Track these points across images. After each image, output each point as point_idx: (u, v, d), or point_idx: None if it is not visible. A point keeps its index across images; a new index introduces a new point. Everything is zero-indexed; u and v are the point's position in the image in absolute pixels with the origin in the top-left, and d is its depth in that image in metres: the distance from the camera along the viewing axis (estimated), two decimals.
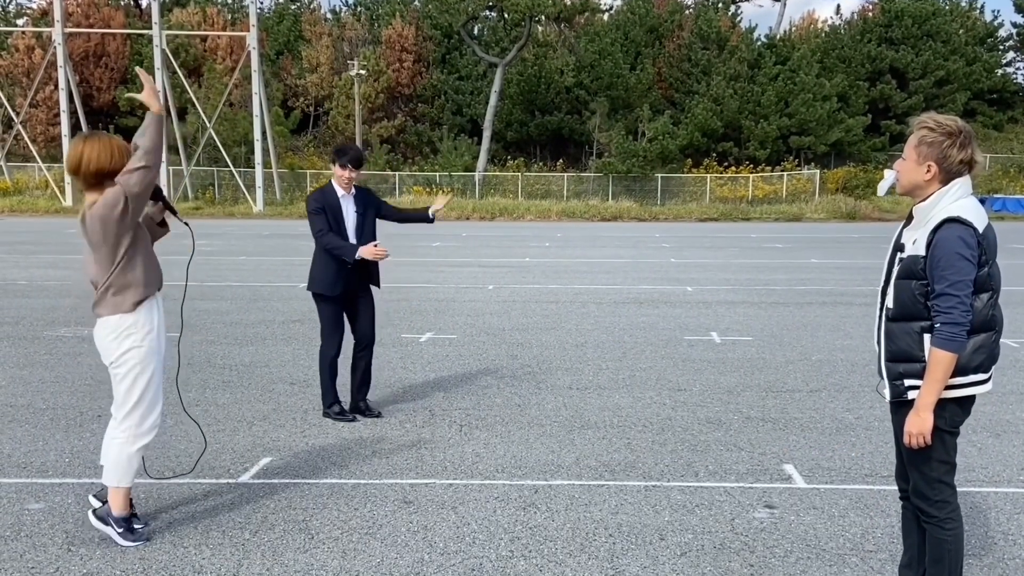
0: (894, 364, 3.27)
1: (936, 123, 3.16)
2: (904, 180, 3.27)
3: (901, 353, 3.23)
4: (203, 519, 4.54)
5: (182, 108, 42.12)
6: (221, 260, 18.27)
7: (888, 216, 38.14)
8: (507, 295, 13.20)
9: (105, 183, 4.07)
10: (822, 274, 16.15)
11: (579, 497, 4.88)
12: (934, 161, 3.16)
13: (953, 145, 3.13)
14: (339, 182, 6.32)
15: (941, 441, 3.22)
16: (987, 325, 3.15)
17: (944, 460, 3.25)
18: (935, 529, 3.30)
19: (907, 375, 3.22)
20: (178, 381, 5.56)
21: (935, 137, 3.15)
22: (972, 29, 51.31)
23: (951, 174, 3.15)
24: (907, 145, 3.26)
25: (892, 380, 3.29)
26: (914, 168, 3.21)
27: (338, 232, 6.29)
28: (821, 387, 7.48)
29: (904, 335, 3.21)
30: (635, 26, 51.61)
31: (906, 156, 3.25)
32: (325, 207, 6.26)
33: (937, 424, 3.16)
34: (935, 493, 3.28)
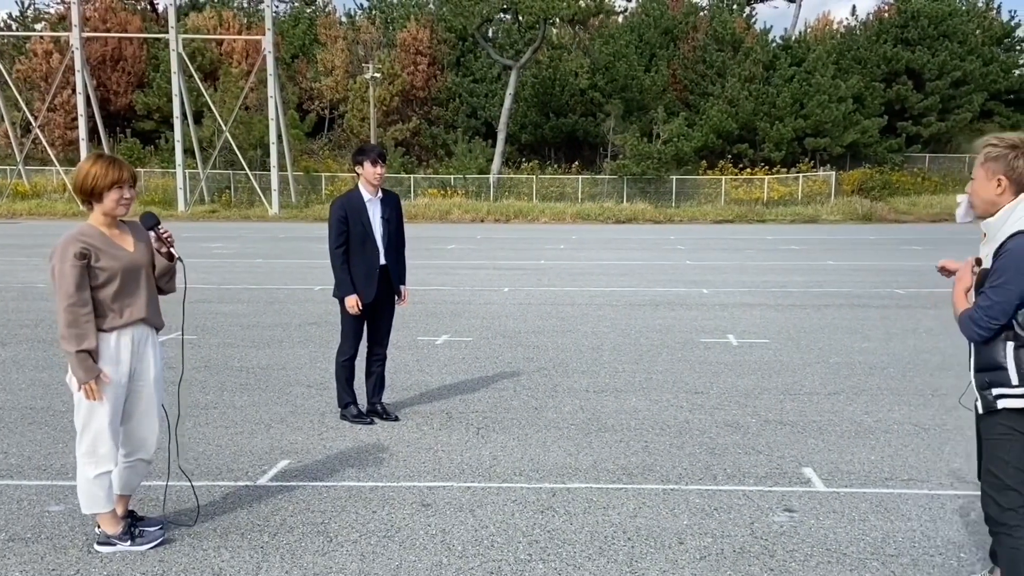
0: (981, 375, 3.32)
1: (998, 138, 3.29)
2: (978, 200, 3.36)
3: (988, 363, 3.28)
4: (222, 521, 4.55)
5: (198, 112, 42.32)
6: (237, 263, 18.34)
7: (905, 218, 37.90)
8: (522, 297, 13.19)
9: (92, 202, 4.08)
10: (839, 276, 16.06)
11: (597, 500, 4.86)
12: (1003, 174, 3.24)
13: (1019, 156, 3.22)
14: (369, 181, 6.26)
15: (1016, 444, 3.26)
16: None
17: (1018, 467, 3.27)
18: (1006, 539, 3.30)
19: (995, 384, 3.26)
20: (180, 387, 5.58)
21: (1000, 151, 3.25)
22: (989, 29, 50.88)
23: (1021, 186, 3.24)
24: (975, 166, 3.36)
25: (981, 391, 3.33)
26: (984, 185, 3.30)
27: (364, 238, 6.26)
28: (839, 390, 7.43)
29: (990, 346, 3.27)
30: (649, 28, 51.49)
31: (975, 176, 3.35)
32: (348, 214, 6.23)
33: (1012, 427, 3.24)
34: (1006, 500, 3.28)
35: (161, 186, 41.82)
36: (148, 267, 4.27)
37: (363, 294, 6.28)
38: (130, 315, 4.13)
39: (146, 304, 4.21)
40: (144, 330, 4.24)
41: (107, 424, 4.09)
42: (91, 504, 4.18)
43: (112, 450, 4.13)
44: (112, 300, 4.07)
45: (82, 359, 3.97)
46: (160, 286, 4.38)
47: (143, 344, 4.23)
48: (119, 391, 4.12)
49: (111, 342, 4.09)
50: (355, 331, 6.43)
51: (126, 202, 4.12)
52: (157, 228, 4.29)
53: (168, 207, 38.66)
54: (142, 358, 4.23)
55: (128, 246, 4.17)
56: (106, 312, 4.07)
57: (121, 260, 4.09)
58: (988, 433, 3.33)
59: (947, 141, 48.14)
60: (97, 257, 4.03)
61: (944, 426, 6.32)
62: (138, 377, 4.22)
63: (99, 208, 4.10)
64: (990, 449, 3.31)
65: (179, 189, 39.10)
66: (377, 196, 6.36)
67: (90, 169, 4.06)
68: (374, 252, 6.30)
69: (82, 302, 3.98)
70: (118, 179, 4.07)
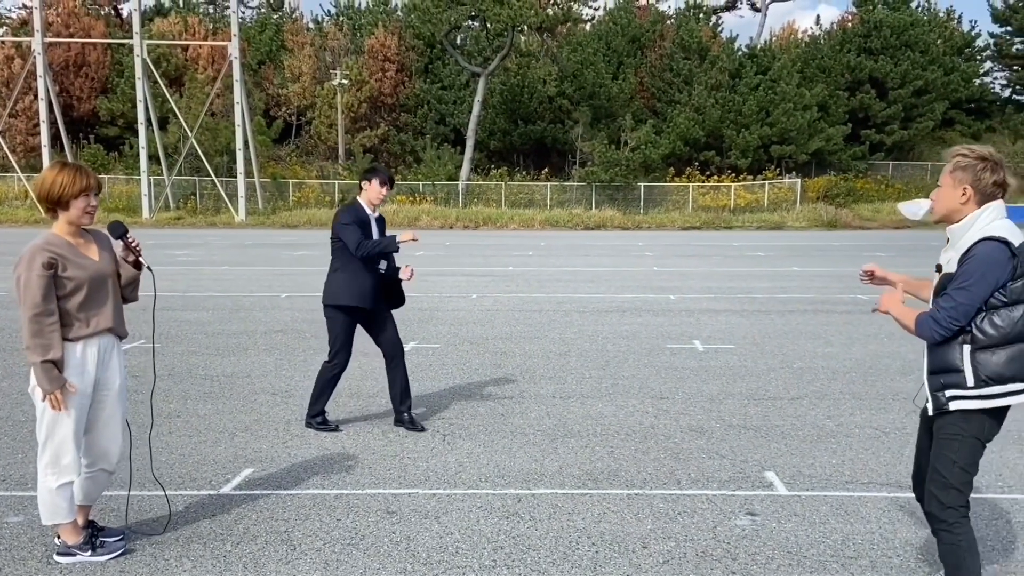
0: (935, 376, 3.39)
1: (969, 149, 3.37)
2: (940, 206, 3.44)
3: (943, 365, 3.35)
4: (184, 531, 4.51)
5: (163, 118, 41.89)
6: (202, 270, 18.17)
7: (869, 224, 38.41)
8: (490, 304, 13.20)
9: (57, 210, 4.04)
10: (804, 282, 16.25)
11: (562, 506, 4.88)
12: (969, 184, 3.32)
13: (986, 168, 3.31)
14: (371, 199, 6.28)
15: (969, 448, 3.33)
16: (1023, 336, 3.26)
17: (965, 468, 3.34)
18: (946, 535, 3.37)
19: (948, 386, 3.33)
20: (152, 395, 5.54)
21: (969, 161, 3.33)
22: (950, 39, 51.82)
23: (985, 196, 3.32)
24: (942, 174, 3.44)
25: (934, 392, 3.40)
26: (950, 193, 3.38)
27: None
28: (802, 394, 7.52)
29: (945, 349, 3.33)
30: (617, 36, 51.83)
31: (942, 183, 3.43)
32: (357, 222, 6.23)
33: (972, 432, 3.31)
34: (948, 499, 3.35)
35: (125, 193, 41.34)
36: (114, 276, 4.24)
37: (363, 301, 6.25)
38: (96, 324, 4.10)
39: (112, 313, 4.18)
40: (110, 339, 4.20)
41: (71, 434, 4.05)
42: (52, 515, 4.13)
43: (75, 461, 4.09)
44: (78, 310, 4.03)
45: (47, 369, 3.92)
46: (124, 295, 4.35)
47: (108, 354, 4.19)
48: (84, 401, 4.08)
49: (77, 352, 4.05)
50: (346, 342, 6.35)
51: (92, 210, 4.09)
52: (125, 237, 4.26)
53: (132, 214, 38.21)
54: (107, 367, 4.19)
55: (93, 255, 4.14)
56: (72, 322, 4.03)
57: (88, 270, 4.06)
58: (939, 432, 3.39)
59: (910, 149, 48.91)
60: (64, 267, 3.99)
61: (904, 429, 6.42)
62: (102, 387, 4.18)
63: (64, 217, 4.06)
64: (939, 448, 3.38)
65: (144, 196, 38.67)
66: (375, 215, 6.38)
67: (56, 177, 4.01)
68: (374, 265, 6.30)
69: (48, 312, 3.94)
70: (85, 187, 4.04)
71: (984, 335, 3.23)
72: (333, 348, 6.36)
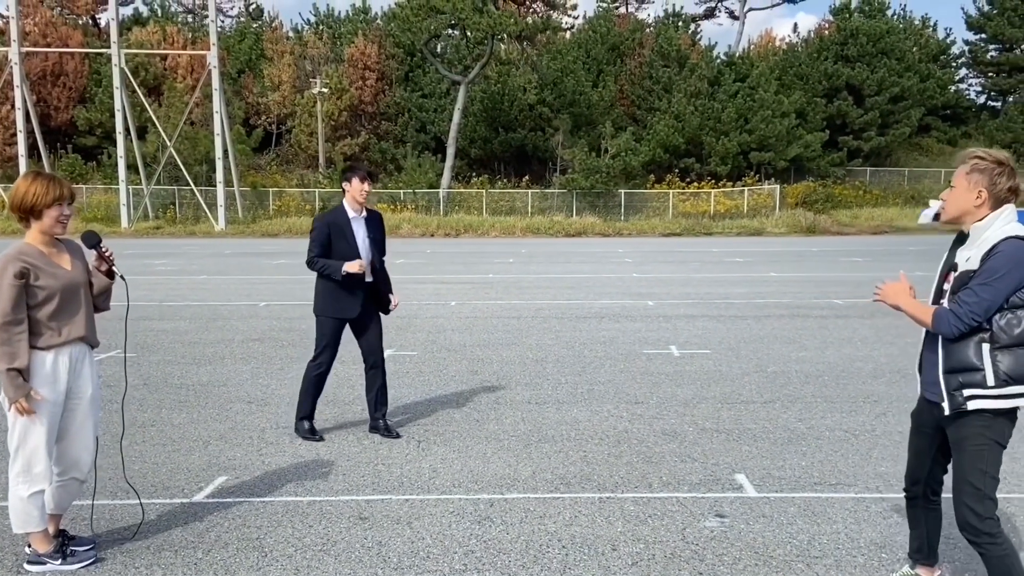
0: (952, 376, 3.38)
1: (987, 153, 3.39)
2: (952, 207, 3.46)
3: (960, 364, 3.35)
4: (155, 539, 4.52)
5: (142, 127, 41.72)
6: (180, 279, 18.11)
7: (847, 230, 38.71)
8: (469, 311, 13.24)
9: (30, 220, 4.04)
10: (780, 287, 16.38)
11: (534, 510, 4.92)
12: (984, 188, 3.35)
13: (1003, 173, 3.35)
14: (355, 198, 6.27)
15: (997, 455, 3.36)
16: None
17: (994, 476, 3.37)
18: (992, 547, 3.35)
19: (966, 385, 3.34)
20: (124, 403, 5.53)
21: (986, 165, 3.36)
22: (925, 47, 52.44)
23: (999, 200, 3.36)
24: (956, 175, 3.46)
25: (951, 391, 3.39)
26: (964, 195, 3.40)
27: (349, 255, 6.22)
28: (775, 398, 7.60)
29: (963, 347, 3.34)
30: (596, 44, 52.11)
31: (955, 184, 3.44)
32: (332, 231, 6.21)
33: (995, 438, 3.33)
34: (985, 509, 3.35)
35: (104, 202, 41.11)
36: (86, 285, 4.25)
37: (347, 310, 6.26)
38: (68, 333, 4.10)
39: (84, 322, 4.19)
40: (82, 348, 4.21)
41: (43, 443, 4.05)
42: (23, 523, 4.14)
43: (47, 469, 4.09)
44: (50, 319, 4.04)
45: (12, 377, 3.93)
46: (96, 304, 4.36)
47: (80, 363, 4.20)
48: (56, 410, 4.09)
49: (48, 361, 4.05)
50: (331, 344, 6.36)
51: (65, 219, 4.11)
52: (99, 247, 4.28)
53: (111, 223, 38.03)
54: (79, 376, 4.20)
55: (66, 264, 4.15)
56: (43, 331, 4.03)
57: (60, 279, 4.07)
58: (964, 444, 3.37)
59: (887, 155, 49.40)
60: (37, 276, 4.00)
61: (873, 431, 6.50)
62: (74, 395, 4.19)
63: (37, 226, 4.07)
64: (968, 460, 3.36)
65: (122, 205, 38.48)
66: (361, 215, 6.37)
67: (30, 187, 4.03)
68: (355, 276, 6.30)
69: (17, 321, 3.95)
70: (59, 197, 4.06)
71: (1006, 334, 3.25)
72: (318, 347, 6.38)
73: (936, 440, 3.62)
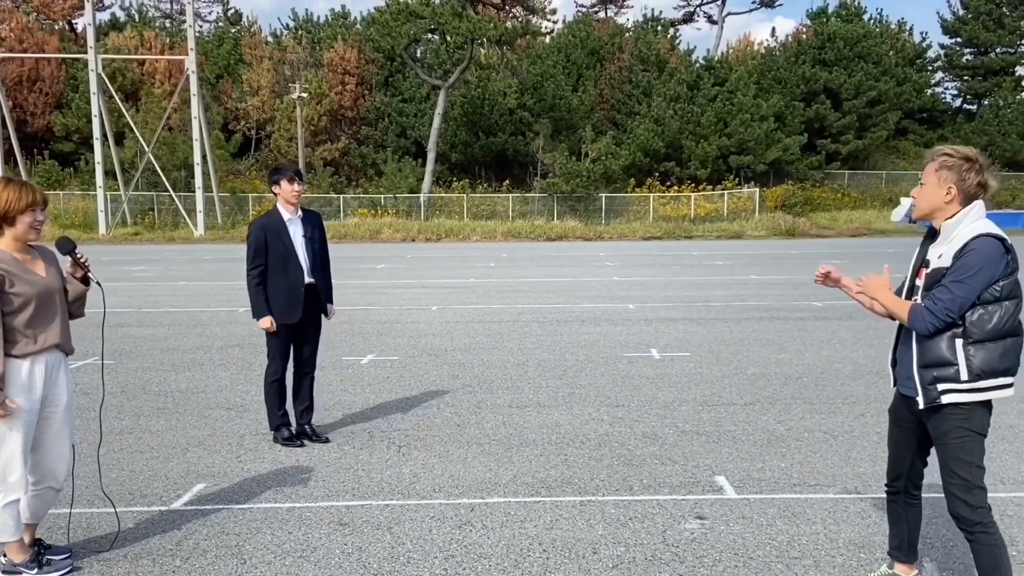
0: (926, 371, 3.43)
1: (954, 150, 3.44)
2: (923, 204, 3.50)
3: (934, 359, 3.40)
4: (133, 547, 4.47)
5: (120, 132, 41.42)
6: (159, 286, 17.98)
7: (826, 233, 38.95)
8: (451, 316, 13.21)
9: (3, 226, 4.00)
10: (760, 290, 16.45)
11: (515, 514, 4.91)
12: (954, 184, 3.40)
13: (971, 169, 3.39)
14: (287, 200, 6.25)
15: (979, 445, 3.41)
16: (1015, 331, 3.36)
17: (979, 465, 3.42)
18: (983, 536, 3.40)
19: (940, 380, 3.39)
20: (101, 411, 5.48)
21: (954, 162, 3.41)
22: (902, 51, 52.89)
23: (968, 196, 3.40)
24: (925, 172, 3.50)
25: (925, 386, 3.44)
26: (934, 191, 3.45)
27: (286, 258, 6.22)
28: (755, 400, 7.63)
29: (936, 342, 3.39)
30: (576, 48, 52.23)
31: (925, 181, 3.49)
32: (268, 235, 6.19)
33: (975, 429, 3.38)
34: (975, 499, 3.40)
35: (81, 208, 40.77)
36: (61, 292, 4.21)
37: (288, 314, 6.24)
38: (44, 341, 4.06)
39: (60, 329, 4.15)
40: (57, 356, 4.17)
41: (19, 452, 4.00)
42: None
43: (22, 478, 4.04)
44: (26, 326, 4.00)
45: None
46: (71, 311, 4.32)
47: (56, 370, 4.16)
48: (31, 418, 4.04)
49: (24, 369, 4.01)
50: (282, 351, 6.37)
51: (38, 225, 4.07)
52: (74, 253, 4.25)
53: (89, 230, 37.72)
54: (55, 384, 4.15)
55: (41, 271, 4.11)
56: (19, 338, 3.99)
57: (36, 286, 4.03)
58: (946, 438, 3.43)
59: (864, 158, 49.77)
60: (12, 283, 3.96)
61: (852, 432, 6.54)
62: (49, 403, 4.14)
63: (11, 232, 4.03)
64: (951, 453, 3.41)
65: (100, 212, 38.18)
66: (297, 215, 6.34)
67: (2, 193, 3.99)
68: (297, 271, 6.27)
69: None
70: (32, 202, 4.02)
71: (978, 329, 3.30)
72: (269, 356, 6.38)
73: (916, 434, 3.66)
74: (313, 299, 6.41)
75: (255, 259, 6.21)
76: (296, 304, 6.25)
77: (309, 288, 6.34)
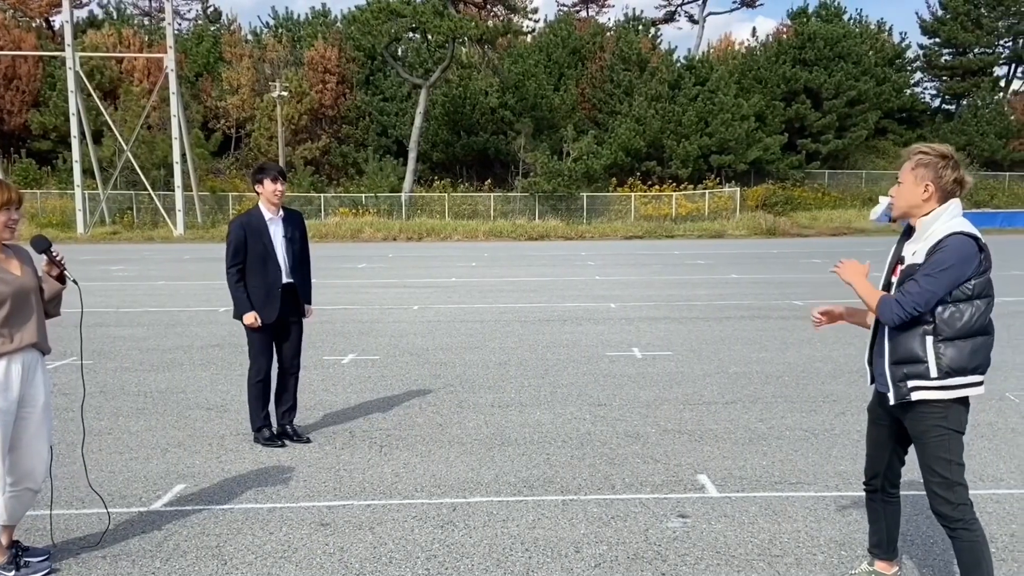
0: (897, 367, 3.46)
1: (930, 147, 3.46)
2: (901, 203, 3.53)
3: (905, 356, 3.43)
4: (112, 549, 4.43)
5: (98, 131, 41.06)
6: (138, 285, 17.84)
7: (806, 232, 39.17)
8: (432, 315, 13.19)
9: None
10: (741, 289, 16.53)
11: (497, 513, 4.90)
12: (931, 181, 3.43)
13: (947, 166, 3.42)
14: (269, 200, 6.22)
15: (957, 442, 3.44)
16: (985, 329, 3.38)
17: (960, 463, 3.44)
18: (965, 533, 3.42)
19: (911, 376, 3.42)
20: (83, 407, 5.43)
21: (930, 159, 3.44)
22: (881, 51, 53.27)
23: (945, 193, 3.43)
24: (902, 171, 3.52)
25: (896, 382, 3.47)
26: (911, 189, 3.47)
27: (265, 257, 6.19)
28: (736, 399, 7.65)
29: (908, 339, 3.41)
30: (558, 48, 52.26)
31: (902, 180, 3.51)
32: (248, 234, 6.16)
33: (953, 427, 3.41)
34: (956, 496, 3.42)
35: (59, 207, 40.39)
36: (37, 291, 4.16)
37: (265, 313, 6.20)
38: (20, 340, 4.02)
39: (36, 328, 4.11)
40: (34, 355, 4.13)
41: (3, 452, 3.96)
42: None
43: (0, 479, 4.00)
44: (2, 325, 3.95)
45: None
46: (47, 310, 4.27)
47: (32, 370, 4.12)
48: (8, 418, 4.00)
49: (0, 368, 3.96)
50: (264, 351, 6.33)
51: (13, 224, 4.03)
52: (49, 251, 4.20)
53: (67, 229, 37.38)
54: (31, 384, 4.11)
55: (16, 270, 4.06)
56: None
57: (11, 284, 3.98)
58: (925, 437, 3.45)
59: (844, 158, 50.10)
60: None
61: (832, 431, 6.58)
62: (26, 403, 4.10)
63: None
64: (930, 451, 3.43)
65: (78, 211, 37.84)
66: (279, 215, 6.31)
67: None
68: (276, 271, 6.24)
69: None
70: (6, 201, 3.98)
71: (948, 327, 3.32)
72: (251, 356, 6.35)
73: (893, 431, 3.68)
74: (292, 299, 6.38)
75: (234, 257, 6.18)
76: (273, 304, 6.22)
77: (287, 288, 6.31)
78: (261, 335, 6.28)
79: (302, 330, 6.57)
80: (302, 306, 6.50)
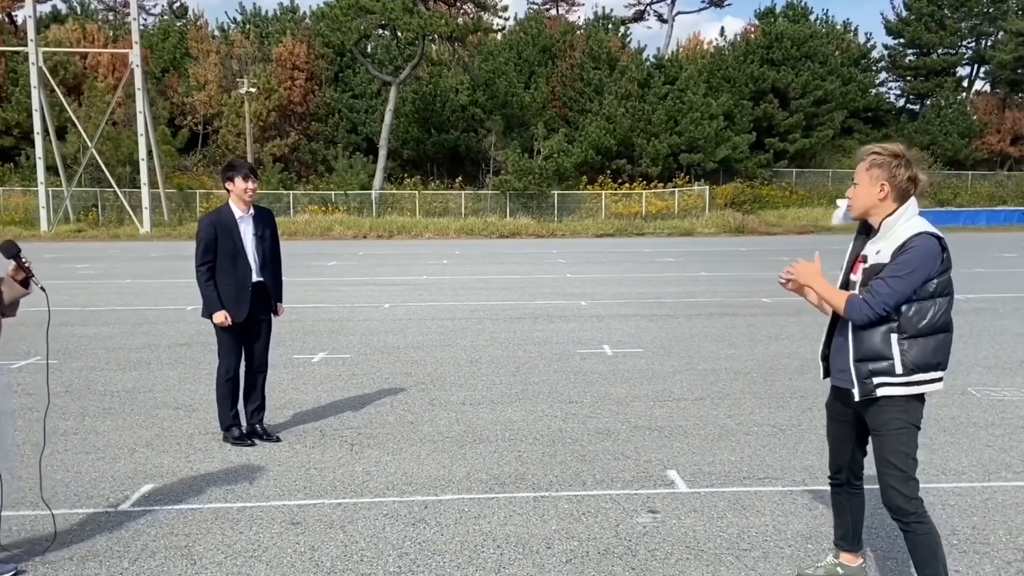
0: (862, 364, 3.50)
1: (882, 147, 3.51)
2: (858, 204, 3.57)
3: (870, 353, 3.47)
4: (79, 549, 4.39)
5: (61, 127, 40.46)
6: (103, 284, 17.63)
7: (774, 230, 39.53)
8: (403, 313, 13.16)
9: None
10: (710, 286, 16.65)
11: (468, 511, 4.91)
12: (886, 180, 3.47)
13: (900, 165, 3.46)
14: (240, 197, 6.17)
15: (915, 436, 3.49)
16: (947, 326, 3.44)
17: (915, 457, 3.50)
18: (918, 527, 3.47)
19: (876, 373, 3.46)
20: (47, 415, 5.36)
21: (884, 159, 3.48)
22: (847, 51, 53.85)
23: (901, 191, 3.47)
24: (857, 172, 3.56)
25: (861, 379, 3.51)
26: (868, 190, 3.51)
27: (235, 255, 6.14)
28: (705, 395, 7.72)
29: (872, 336, 3.45)
30: (528, 46, 52.28)
31: (858, 181, 3.55)
32: (218, 231, 6.12)
33: (913, 421, 3.47)
34: (911, 490, 3.47)
35: (22, 205, 39.80)
36: None
37: (234, 312, 6.16)
38: None
39: None
40: None
41: None
42: None
43: None
44: None
45: None
46: (3, 311, 4.21)
47: None
48: None
49: None
50: (234, 349, 6.29)
51: None
52: (19, 257, 4.14)
53: (30, 227, 36.83)
54: None
55: None
56: None
57: None
58: (884, 429, 3.49)
59: (811, 156, 50.63)
60: None
61: (800, 426, 6.66)
62: None
63: None
64: (889, 443, 3.48)
65: (42, 208, 37.30)
66: (249, 213, 6.27)
67: None
68: (246, 270, 6.20)
69: None
70: None
71: (912, 324, 3.38)
72: (220, 354, 6.31)
73: (854, 426, 3.74)
74: (262, 297, 6.34)
75: (204, 255, 6.14)
76: (243, 302, 6.19)
77: (257, 286, 6.27)
78: (230, 333, 6.24)
79: (271, 328, 6.54)
80: (272, 304, 6.46)
